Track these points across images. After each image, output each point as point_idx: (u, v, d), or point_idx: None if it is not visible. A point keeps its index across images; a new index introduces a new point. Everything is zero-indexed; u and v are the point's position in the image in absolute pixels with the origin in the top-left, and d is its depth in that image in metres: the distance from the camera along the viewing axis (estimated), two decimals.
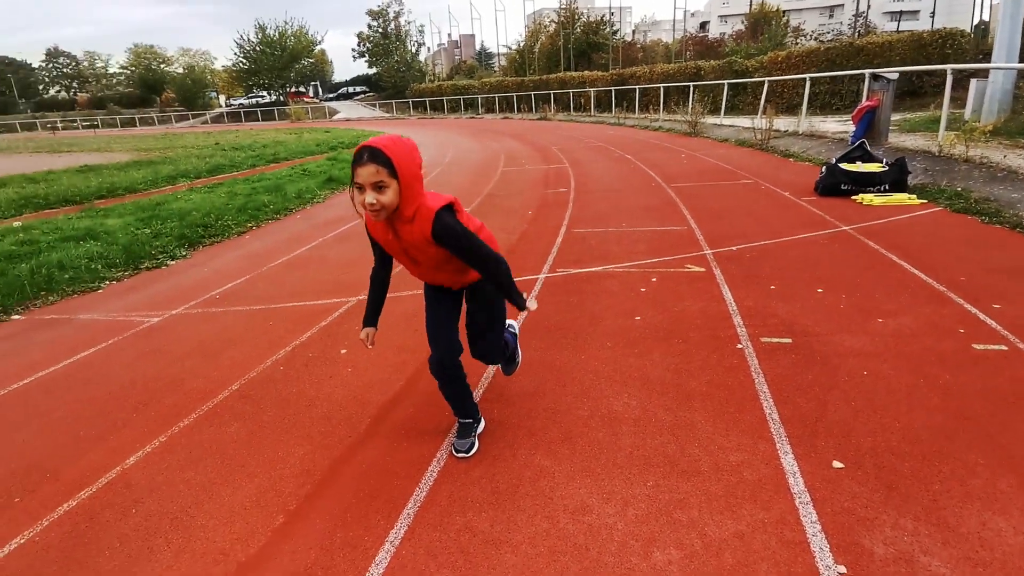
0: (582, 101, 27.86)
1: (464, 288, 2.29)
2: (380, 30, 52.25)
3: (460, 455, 2.30)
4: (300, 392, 2.95)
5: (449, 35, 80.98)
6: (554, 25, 41.63)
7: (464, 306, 2.33)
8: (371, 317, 2.28)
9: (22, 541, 2.03)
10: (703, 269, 4.35)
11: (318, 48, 61.98)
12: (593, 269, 4.54)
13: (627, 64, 30.21)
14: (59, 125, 53.81)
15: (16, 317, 4.48)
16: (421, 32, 77.64)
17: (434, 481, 2.18)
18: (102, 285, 5.15)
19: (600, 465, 2.20)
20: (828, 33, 25.80)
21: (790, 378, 2.72)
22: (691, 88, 17.17)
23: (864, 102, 8.23)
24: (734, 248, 4.83)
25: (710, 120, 15.79)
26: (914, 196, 6.02)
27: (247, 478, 2.28)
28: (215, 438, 2.58)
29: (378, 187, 1.80)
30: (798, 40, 26.55)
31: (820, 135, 10.85)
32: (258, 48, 52.77)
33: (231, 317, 4.13)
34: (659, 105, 20.49)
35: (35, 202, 9.15)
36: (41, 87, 76.44)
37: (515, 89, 34.47)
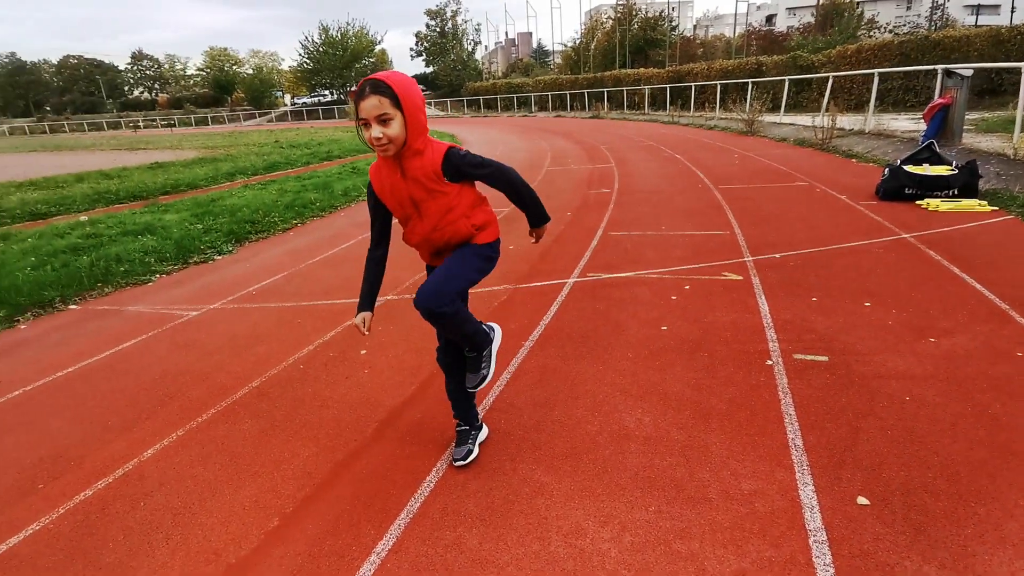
0: (636, 99, 27.32)
1: None
2: (437, 29, 52.99)
3: (457, 463, 2.25)
4: (315, 392, 2.97)
5: (506, 33, 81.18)
6: (611, 22, 41.00)
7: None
8: (367, 301, 2.17)
9: (37, 528, 2.12)
10: (740, 277, 4.13)
11: (378, 48, 63.59)
12: (624, 275, 4.39)
13: (685, 61, 29.36)
14: (140, 124, 57.49)
15: (73, 307, 4.76)
16: (477, 31, 78.48)
17: (430, 492, 2.14)
18: (153, 278, 5.41)
19: (602, 485, 2.10)
20: (904, 26, 24.19)
21: (821, 401, 2.52)
22: (749, 85, 16.48)
23: (936, 99, 7.64)
24: (777, 256, 4.56)
25: (768, 118, 15.11)
26: (985, 202, 5.53)
27: (251, 478, 2.31)
28: (228, 435, 2.63)
29: (383, 120, 1.77)
30: (871, 33, 25.03)
31: (888, 134, 10.18)
32: (321, 49, 54.57)
33: (263, 313, 4.24)
34: (715, 103, 19.80)
35: (107, 197, 9.76)
36: (126, 88, 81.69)
37: (569, 87, 34.19)
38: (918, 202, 5.78)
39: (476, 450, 2.32)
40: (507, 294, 4.19)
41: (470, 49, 53.30)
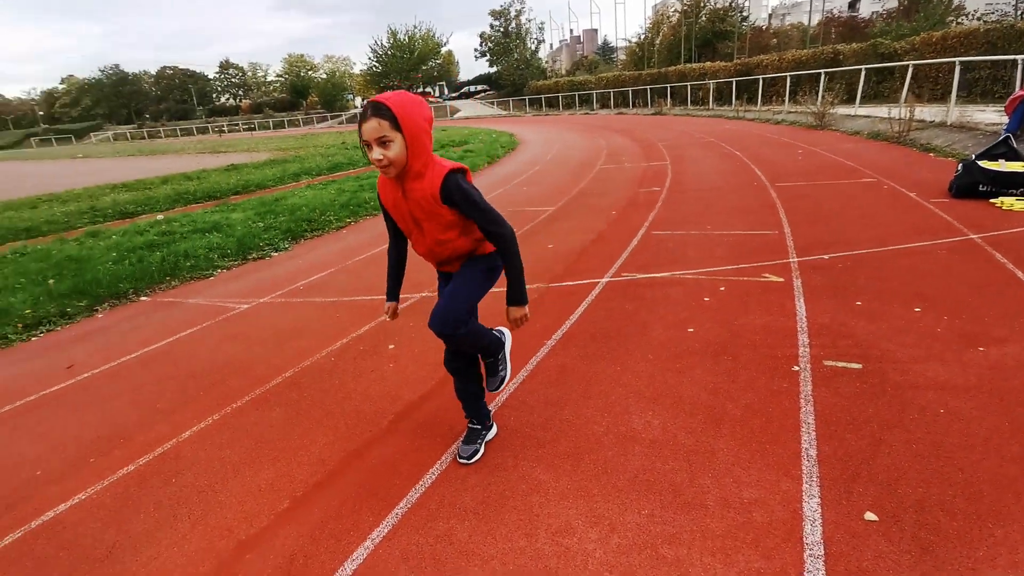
0: (700, 94, 26.48)
1: None
2: (501, 29, 53.38)
3: (462, 461, 2.30)
4: (341, 384, 3.11)
5: (571, 31, 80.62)
6: (677, 15, 39.91)
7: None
8: (392, 292, 2.32)
9: (83, 498, 2.35)
10: (781, 279, 3.96)
11: (445, 49, 64.83)
12: (660, 275, 4.30)
13: (756, 52, 28.13)
14: (225, 128, 61.35)
15: (144, 299, 5.19)
16: (541, 29, 78.52)
17: (431, 483, 2.20)
18: (215, 273, 5.80)
19: (599, 486, 2.09)
20: (993, 13, 22.12)
21: (845, 410, 2.39)
22: (822, 76, 15.60)
23: (1018, 91, 6.97)
24: (826, 256, 4.33)
25: (842, 111, 14.25)
26: None
27: (270, 462, 2.46)
28: (257, 421, 2.81)
29: (383, 142, 1.81)
30: (959, 20, 23.06)
31: (971, 127, 9.39)
32: (389, 52, 56.25)
33: (306, 308, 4.46)
34: (785, 96, 18.89)
35: (185, 197, 10.52)
36: (214, 95, 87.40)
37: (632, 84, 33.58)
38: (992, 200, 5.31)
39: (483, 450, 2.36)
40: (539, 293, 4.20)
41: (533, 48, 53.40)
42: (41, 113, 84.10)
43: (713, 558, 1.73)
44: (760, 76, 21.48)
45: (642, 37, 44.83)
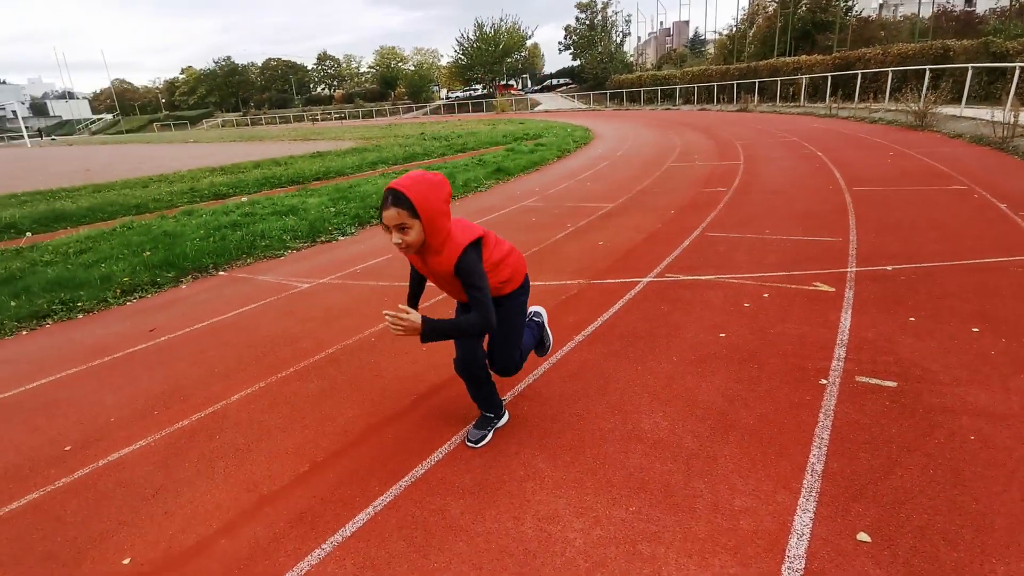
0: (791, 90, 25.04)
1: None
2: (587, 22, 52.75)
3: (470, 444, 2.42)
4: (375, 363, 3.32)
5: (660, 23, 78.30)
6: (774, 5, 37.79)
7: None
8: (411, 302, 2.44)
9: (142, 444, 2.67)
10: (832, 289, 3.78)
11: (530, 42, 64.96)
12: (704, 277, 4.22)
13: (859, 45, 26.16)
14: (318, 117, 64.75)
15: (221, 273, 5.68)
16: (628, 22, 76.64)
17: (437, 461, 2.34)
18: (285, 253, 6.24)
19: (593, 479, 2.14)
20: None
21: (866, 428, 2.30)
22: (926, 73, 14.35)
23: None
24: (888, 268, 4.08)
25: (947, 111, 13.08)
26: None
27: (300, 428, 2.68)
28: (296, 391, 3.06)
29: (401, 228, 1.92)
30: None
31: None
32: (475, 45, 57.09)
33: (360, 290, 4.74)
34: (885, 93, 17.53)
35: (271, 181, 11.30)
36: (312, 85, 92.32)
37: (718, 78, 32.27)
38: None
39: (491, 436, 2.47)
40: (578, 289, 4.24)
41: (618, 41, 52.44)
42: (163, 100, 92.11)
43: (689, 559, 1.75)
44: (859, 71, 20.03)
45: (734, 29, 42.85)
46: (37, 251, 6.39)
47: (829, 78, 21.45)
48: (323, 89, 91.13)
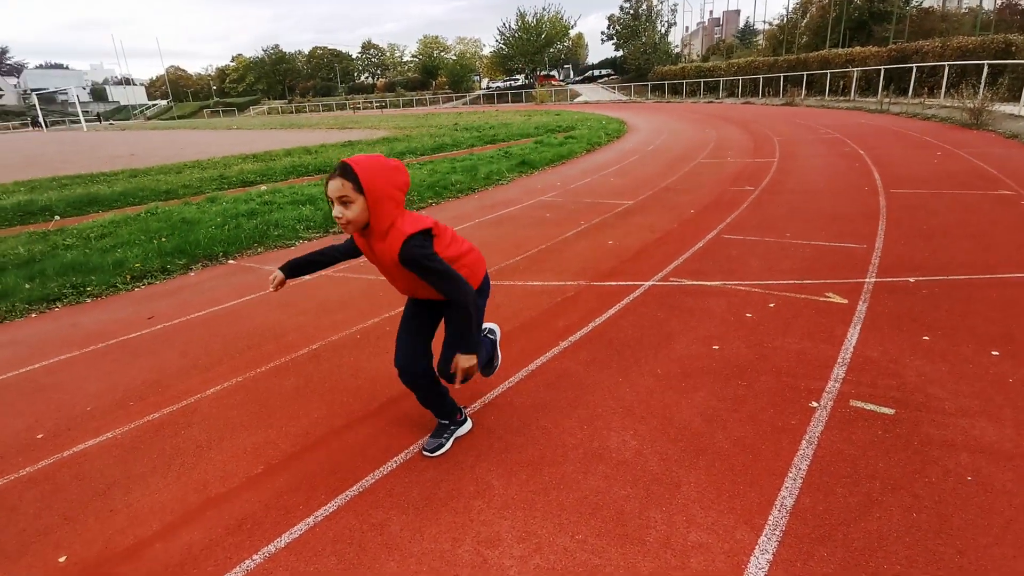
0: (842, 84, 23.91)
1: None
2: (631, 11, 51.63)
3: (426, 453, 2.32)
4: (355, 361, 3.25)
5: (710, 12, 76.10)
6: None
7: (438, 326, 2.30)
8: (290, 268, 2.31)
9: (110, 436, 2.67)
10: (845, 301, 3.52)
11: (573, 32, 64.10)
12: (709, 283, 4.00)
13: (920, 37, 24.76)
14: (360, 105, 65.55)
15: (231, 261, 5.74)
16: (674, 11, 74.71)
17: (389, 471, 2.25)
18: (297, 243, 6.27)
19: (544, 501, 2.02)
20: None
21: (850, 460, 2.10)
22: (984, 68, 13.43)
23: None
24: (911, 279, 3.78)
25: (1004, 109, 12.22)
26: None
27: (264, 427, 2.64)
28: (269, 388, 3.02)
29: (343, 201, 1.87)
30: None
31: None
32: (516, 34, 56.67)
33: (359, 284, 4.69)
34: (941, 89, 16.53)
35: (299, 170, 11.43)
36: (355, 74, 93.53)
37: (765, 70, 31.13)
38: None
39: (449, 444, 2.36)
40: (576, 291, 4.09)
41: (663, 31, 51.07)
42: (214, 87, 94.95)
43: None
44: (915, 64, 18.96)
45: (786, 19, 41.26)
46: (62, 234, 6.60)
47: (882, 71, 20.38)
48: (366, 78, 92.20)
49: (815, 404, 2.47)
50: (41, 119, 57.83)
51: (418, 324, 2.27)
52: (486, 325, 2.58)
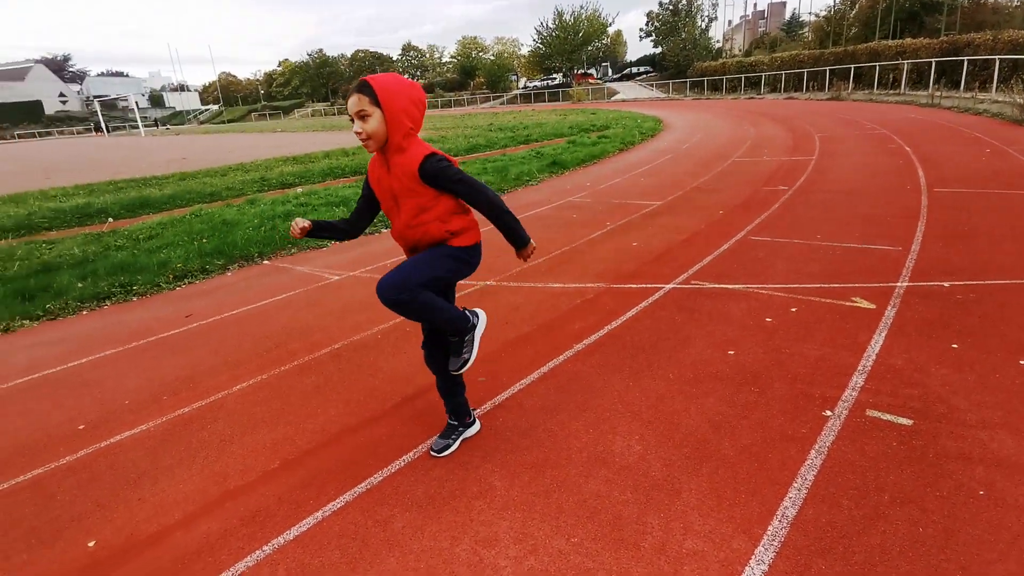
0: (891, 77, 22.93)
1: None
2: (671, 7, 50.75)
3: (433, 454, 2.38)
4: (373, 361, 3.35)
5: (755, 5, 74.10)
6: None
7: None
8: (318, 225, 2.21)
9: (144, 428, 2.83)
10: (873, 306, 3.42)
11: (613, 29, 63.47)
12: (731, 286, 3.94)
13: (972, 29, 23.54)
14: None
15: (265, 262, 5.96)
16: (715, 6, 72.98)
17: (397, 470, 2.32)
18: (327, 244, 6.45)
19: (544, 503, 2.05)
20: None
21: (859, 472, 2.05)
22: None
23: None
24: (946, 284, 3.64)
25: None
26: None
27: (283, 424, 2.75)
28: (292, 386, 3.14)
29: (362, 116, 1.94)
30: None
31: None
32: (554, 33, 56.48)
33: None
34: (993, 83, 15.67)
35: (335, 172, 11.73)
36: None
37: (810, 64, 30.12)
38: None
39: (456, 445, 2.42)
40: (595, 293, 4.09)
41: (703, 26, 50.00)
42: (262, 92, 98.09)
43: None
44: (966, 57, 18.03)
45: (834, 10, 39.83)
46: (114, 236, 6.98)
47: (933, 64, 19.47)
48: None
49: (828, 413, 2.42)
50: (103, 124, 60.91)
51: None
52: (474, 308, 2.44)
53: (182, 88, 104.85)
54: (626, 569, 1.74)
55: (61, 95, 78.58)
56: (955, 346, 2.87)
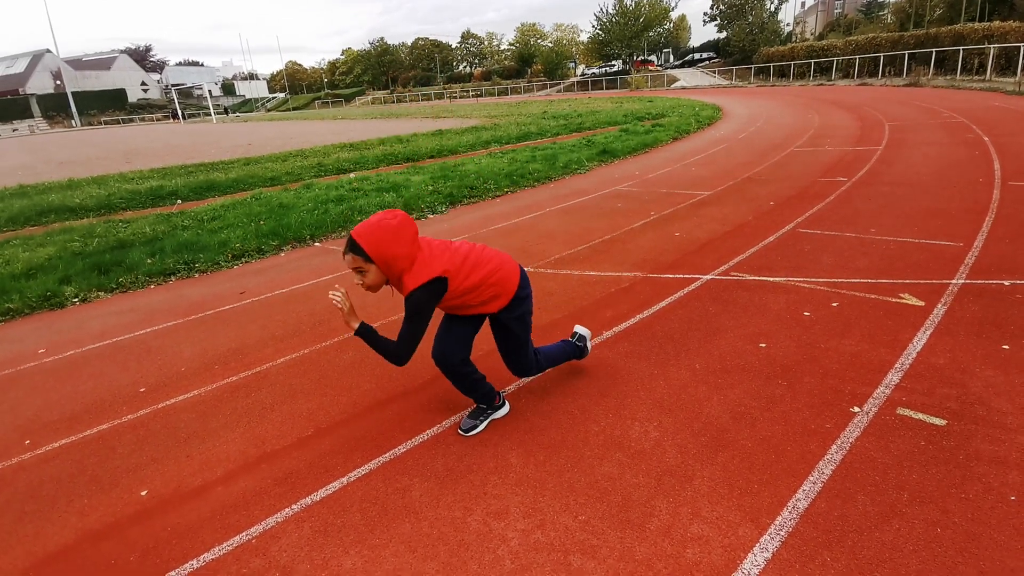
0: (976, 62, 21.28)
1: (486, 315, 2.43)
2: None
3: (461, 432, 2.48)
4: None
5: None
6: None
7: (481, 327, 2.50)
8: (365, 328, 2.35)
9: (196, 394, 3.07)
10: (922, 303, 3.27)
11: (676, 14, 61.61)
12: (771, 279, 3.84)
13: None
14: (457, 94, 67.14)
15: (316, 244, 6.23)
16: None
17: (420, 443, 2.43)
18: None
19: (557, 481, 2.11)
20: None
21: (880, 470, 2.00)
22: None
23: None
24: (1006, 283, 3.43)
25: None
26: None
27: (320, 394, 2.92)
28: (330, 360, 3.31)
29: (358, 271, 2.14)
30: None
31: None
32: (614, 19, 55.37)
33: None
34: None
35: (389, 158, 12.02)
36: (454, 63, 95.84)
37: (888, 48, 28.32)
38: None
39: (483, 426, 2.50)
40: (631, 282, 4.08)
41: (772, 9, 47.75)
42: (326, 80, 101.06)
43: None
44: None
45: None
46: (181, 216, 7.45)
47: (1022, 49, 17.94)
48: (464, 67, 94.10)
49: (856, 409, 2.35)
50: (179, 111, 64.41)
51: (451, 323, 2.44)
52: (580, 330, 2.87)
53: (251, 77, 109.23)
54: (629, 548, 1.78)
55: (143, 83, 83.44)
56: (1006, 347, 2.72)
